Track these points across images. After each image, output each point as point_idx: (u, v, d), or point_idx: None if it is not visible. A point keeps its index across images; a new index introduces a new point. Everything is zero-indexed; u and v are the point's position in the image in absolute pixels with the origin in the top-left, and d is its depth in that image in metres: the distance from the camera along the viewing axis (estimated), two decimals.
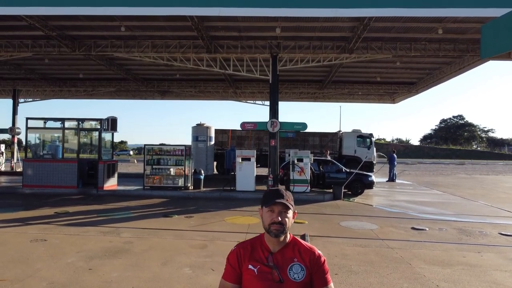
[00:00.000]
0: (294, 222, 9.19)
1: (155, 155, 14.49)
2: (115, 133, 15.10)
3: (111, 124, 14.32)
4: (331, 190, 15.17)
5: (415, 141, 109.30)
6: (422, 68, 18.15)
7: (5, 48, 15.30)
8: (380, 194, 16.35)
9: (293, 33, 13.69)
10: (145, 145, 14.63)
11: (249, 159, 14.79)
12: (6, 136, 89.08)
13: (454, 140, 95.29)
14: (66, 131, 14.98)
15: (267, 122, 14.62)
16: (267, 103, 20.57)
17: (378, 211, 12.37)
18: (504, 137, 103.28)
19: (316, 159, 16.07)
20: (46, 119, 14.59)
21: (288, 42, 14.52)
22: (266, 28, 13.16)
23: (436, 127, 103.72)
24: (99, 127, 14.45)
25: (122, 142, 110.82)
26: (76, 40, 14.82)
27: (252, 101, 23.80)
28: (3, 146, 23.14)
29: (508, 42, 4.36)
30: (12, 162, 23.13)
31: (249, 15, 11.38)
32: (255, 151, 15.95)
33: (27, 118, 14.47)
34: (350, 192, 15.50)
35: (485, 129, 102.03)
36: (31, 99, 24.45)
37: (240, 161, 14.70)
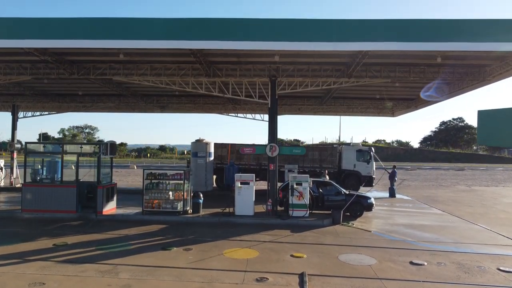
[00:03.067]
0: (293, 256, 9.08)
1: (154, 179, 14.48)
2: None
3: (110, 148, 14.33)
4: (330, 212, 15.20)
5: (415, 143, 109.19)
6: (422, 87, 18.10)
7: (3, 70, 15.31)
8: (379, 216, 16.32)
9: (292, 59, 13.68)
10: (144, 169, 14.61)
11: (248, 183, 14.77)
12: (5, 138, 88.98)
13: (454, 143, 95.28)
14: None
15: (266, 146, 14.62)
16: (266, 118, 20.56)
17: (377, 239, 12.35)
18: None
19: (315, 181, 16.05)
20: (45, 143, 14.59)
21: (287, 66, 14.50)
22: (265, 55, 13.15)
23: (436, 129, 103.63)
24: (98, 151, 14.43)
25: (122, 144, 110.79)
26: (75, 63, 14.81)
27: (251, 117, 23.80)
28: (2, 162, 23.12)
29: (502, 137, 4.38)
30: (12, 177, 23.15)
31: (248, 49, 11.38)
32: (254, 174, 15.85)
33: (26, 143, 14.49)
34: (349, 214, 15.48)
35: None
36: (30, 114, 24.42)
37: (239, 185, 14.68)
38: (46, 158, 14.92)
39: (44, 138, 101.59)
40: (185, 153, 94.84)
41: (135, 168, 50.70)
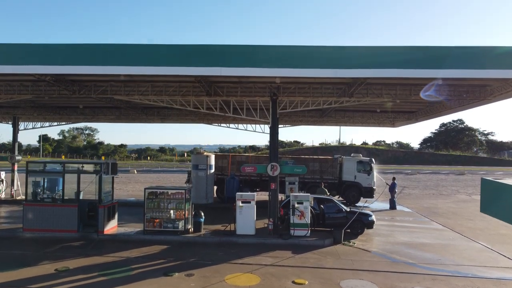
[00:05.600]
0: (295, 283, 9.08)
1: (155, 198, 14.49)
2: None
3: (112, 168, 14.34)
4: (331, 229, 15.23)
5: (415, 144, 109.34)
6: (422, 101, 18.09)
7: (5, 88, 15.33)
8: (380, 233, 16.30)
9: (293, 79, 13.68)
10: (145, 188, 14.62)
11: (249, 202, 14.76)
12: (6, 140, 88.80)
13: (454, 145, 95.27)
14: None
15: (267, 166, 14.63)
16: (267, 129, 20.56)
17: (378, 262, 12.34)
18: (504, 140, 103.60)
19: (315, 198, 16.06)
20: (46, 162, 14.63)
21: (288, 85, 14.52)
22: (266, 76, 13.15)
23: (436, 131, 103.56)
24: (99, 170, 14.43)
25: (122, 146, 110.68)
26: (75, 82, 14.83)
27: (252, 128, 23.77)
28: (3, 174, 23.14)
29: (502, 211, 4.39)
30: (12, 189, 23.16)
31: (248, 75, 11.40)
32: (255, 193, 15.78)
33: (27, 162, 14.51)
34: (349, 230, 15.46)
35: (485, 132, 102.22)
36: (31, 126, 24.45)
37: (240, 204, 14.68)
38: (47, 176, 14.91)
39: (44, 139, 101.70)
40: (185, 155, 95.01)
41: (135, 172, 50.70)
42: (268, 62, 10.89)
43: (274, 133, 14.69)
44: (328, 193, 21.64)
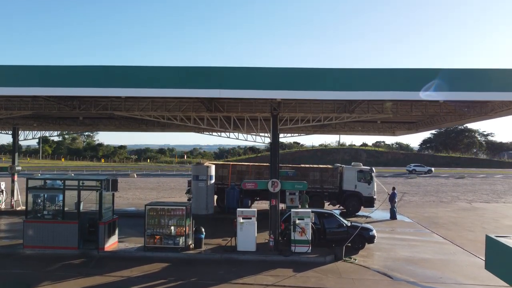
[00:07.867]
0: None
1: (155, 215, 14.46)
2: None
3: (112, 184, 14.32)
4: (332, 244, 15.22)
5: (415, 144, 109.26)
6: (423, 113, 18.10)
7: (5, 104, 15.30)
8: (380, 247, 16.24)
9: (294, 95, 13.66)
10: (145, 205, 14.60)
11: (250, 218, 14.73)
12: (6, 141, 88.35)
13: (454, 146, 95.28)
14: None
15: (267, 182, 14.61)
16: (267, 140, 20.52)
17: (379, 281, 12.32)
18: (504, 141, 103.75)
19: (316, 212, 16.02)
20: (46, 179, 14.60)
21: (289, 101, 14.48)
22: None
23: (436, 132, 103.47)
24: (99, 186, 14.40)
25: (121, 147, 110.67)
26: (75, 98, 14.79)
27: (252, 139, 23.74)
28: (3, 184, 23.11)
29: (507, 275, 4.37)
30: (12, 200, 23.13)
31: (247, 97, 11.38)
32: (256, 210, 15.68)
33: (28, 178, 14.48)
34: (350, 245, 15.42)
35: (485, 133, 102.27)
36: (31, 137, 24.46)
37: (241, 220, 14.64)
38: (47, 193, 14.87)
39: (44, 141, 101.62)
40: (185, 157, 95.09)
41: (135, 176, 50.65)
42: (267, 84, 10.90)
43: (275, 149, 14.67)
44: (309, 200, 21.62)
